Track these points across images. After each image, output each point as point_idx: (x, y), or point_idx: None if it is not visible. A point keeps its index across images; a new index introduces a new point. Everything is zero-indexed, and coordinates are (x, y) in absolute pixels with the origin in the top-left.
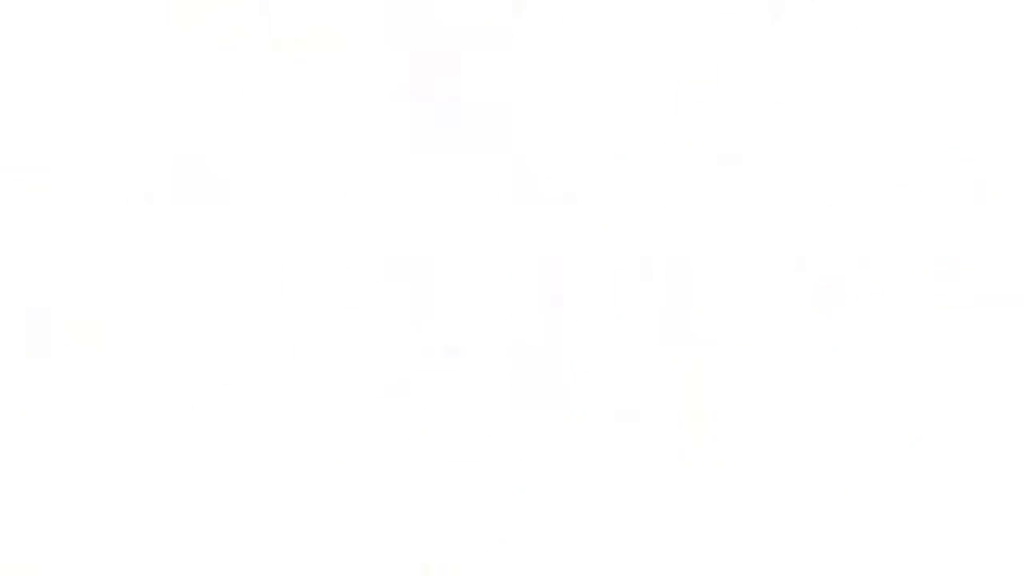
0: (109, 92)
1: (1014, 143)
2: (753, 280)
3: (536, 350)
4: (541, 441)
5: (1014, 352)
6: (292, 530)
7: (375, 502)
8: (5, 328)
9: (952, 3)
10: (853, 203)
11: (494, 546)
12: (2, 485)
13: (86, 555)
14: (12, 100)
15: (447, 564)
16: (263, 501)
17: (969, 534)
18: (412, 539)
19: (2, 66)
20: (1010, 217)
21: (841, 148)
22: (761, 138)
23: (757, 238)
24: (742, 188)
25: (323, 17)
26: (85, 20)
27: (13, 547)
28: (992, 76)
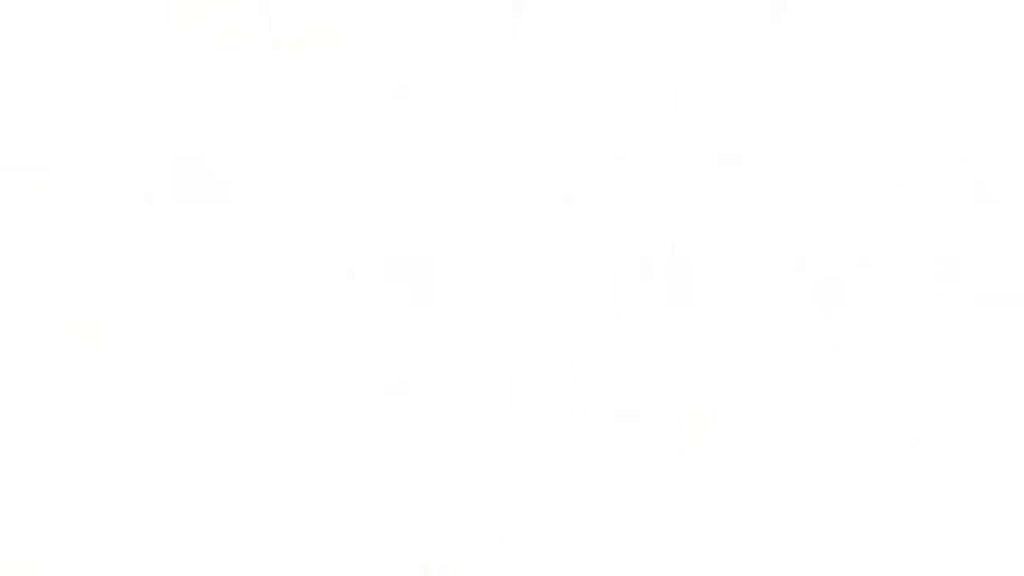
0: (109, 92)
1: (1014, 143)
2: (753, 280)
3: (536, 350)
4: (541, 441)
5: (1014, 352)
6: (292, 530)
7: (375, 502)
8: (5, 328)
9: (952, 3)
10: (853, 203)
11: (494, 546)
12: (2, 485)
13: (86, 555)
14: (12, 100)
15: (447, 564)
16: (263, 501)
17: (969, 534)
18: (412, 539)
19: (2, 66)
20: (1010, 217)
21: (841, 148)
22: (761, 138)
23: (757, 238)
24: (742, 188)
25: (323, 17)
26: (85, 20)
27: (13, 547)
28: (992, 76)
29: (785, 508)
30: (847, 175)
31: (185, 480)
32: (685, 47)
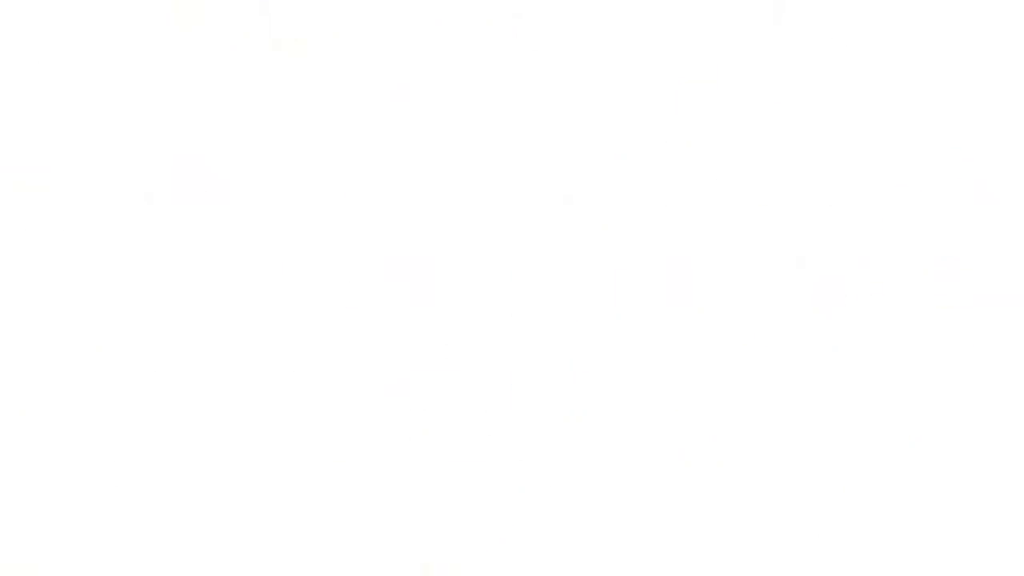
0: (109, 92)
1: (1014, 143)
2: (753, 280)
3: (536, 350)
4: (541, 441)
5: (1014, 352)
6: (292, 530)
7: (375, 502)
8: (6, 328)
9: (952, 3)
10: (853, 203)
11: (494, 546)
12: (2, 485)
13: (86, 555)
14: (12, 100)
15: (447, 564)
16: (263, 501)
17: (969, 534)
18: (412, 539)
19: (2, 66)
20: (1010, 217)
21: (841, 148)
22: (761, 138)
23: (757, 238)
24: (742, 188)
25: (323, 17)
26: (85, 20)
27: (13, 547)
28: (992, 76)
29: (785, 508)
30: (847, 175)
31: (185, 480)
32: (685, 47)
